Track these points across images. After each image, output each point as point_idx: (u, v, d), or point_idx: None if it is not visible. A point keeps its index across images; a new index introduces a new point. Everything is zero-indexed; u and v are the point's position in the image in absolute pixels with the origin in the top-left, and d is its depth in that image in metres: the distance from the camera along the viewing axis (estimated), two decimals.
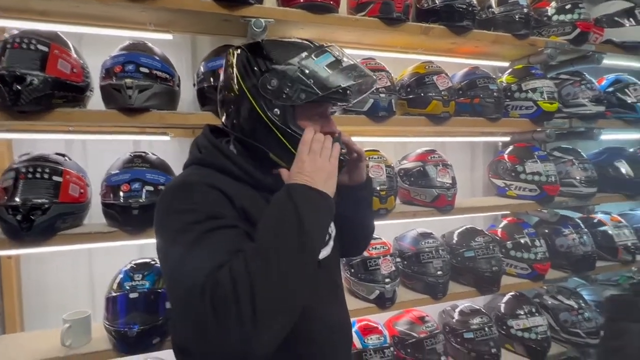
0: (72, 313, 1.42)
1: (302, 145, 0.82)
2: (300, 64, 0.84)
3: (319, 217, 0.75)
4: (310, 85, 0.82)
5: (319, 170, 0.79)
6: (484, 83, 1.91)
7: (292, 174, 0.80)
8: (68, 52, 1.32)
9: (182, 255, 0.70)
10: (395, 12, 1.65)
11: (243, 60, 0.88)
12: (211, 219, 0.74)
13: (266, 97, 0.84)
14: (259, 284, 0.65)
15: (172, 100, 1.47)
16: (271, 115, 0.85)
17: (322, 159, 0.81)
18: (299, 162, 0.80)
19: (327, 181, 0.79)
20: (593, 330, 2.00)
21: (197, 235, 0.71)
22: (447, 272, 1.80)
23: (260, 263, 0.66)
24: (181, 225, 0.73)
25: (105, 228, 1.39)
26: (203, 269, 0.67)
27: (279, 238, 0.70)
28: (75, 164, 1.45)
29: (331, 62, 0.85)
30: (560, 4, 2.07)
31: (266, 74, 0.84)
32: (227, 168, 0.87)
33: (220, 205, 0.78)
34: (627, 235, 2.24)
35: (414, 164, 1.90)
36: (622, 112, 2.24)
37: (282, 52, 0.86)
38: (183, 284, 0.68)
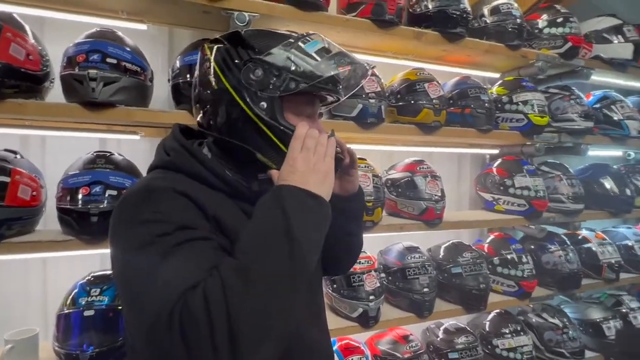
0: (17, 332, 1.25)
1: (294, 141, 0.71)
2: (287, 51, 0.75)
3: (313, 226, 0.65)
4: (300, 73, 0.74)
5: (313, 169, 0.68)
6: (476, 93, 1.85)
7: (282, 174, 0.69)
8: (24, 36, 1.18)
9: (147, 274, 0.59)
10: (388, 15, 1.57)
11: (222, 52, 0.79)
12: (181, 229, 0.63)
13: (250, 90, 0.75)
14: (238, 308, 0.54)
15: (142, 96, 1.33)
16: (257, 110, 0.75)
17: (317, 157, 0.70)
18: (290, 160, 0.70)
19: (322, 183, 0.69)
20: (577, 350, 1.96)
21: (164, 250, 0.60)
22: (433, 289, 1.72)
23: (239, 283, 0.56)
24: (145, 237, 0.62)
25: (60, 236, 1.23)
26: (171, 291, 0.56)
27: (263, 251, 0.60)
28: (28, 162, 1.29)
29: (320, 49, 0.77)
30: (551, 17, 2.05)
31: (249, 64, 0.75)
32: (199, 173, 0.76)
33: (190, 214, 0.67)
34: (610, 252, 2.23)
35: (402, 175, 1.81)
36: (609, 128, 2.23)
37: (265, 40, 0.78)
38: (147, 308, 0.56)
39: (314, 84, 0.75)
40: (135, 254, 0.62)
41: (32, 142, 1.50)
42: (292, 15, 1.44)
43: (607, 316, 2.16)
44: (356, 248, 1.06)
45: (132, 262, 0.63)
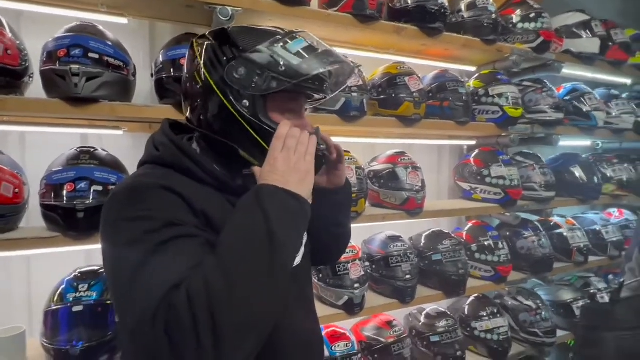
0: (4, 329, 1.24)
1: (275, 141, 0.73)
2: (271, 50, 0.75)
3: (292, 224, 0.67)
4: (282, 72, 0.74)
5: (293, 169, 0.70)
6: (454, 86, 1.91)
7: (263, 174, 0.71)
8: (1, 30, 1.15)
9: (134, 271, 0.60)
10: (369, 10, 1.60)
11: (208, 49, 0.79)
12: (169, 226, 0.64)
13: (234, 88, 0.76)
14: (221, 305, 0.56)
15: (125, 90, 1.33)
16: (240, 108, 0.76)
17: (297, 156, 0.72)
18: (270, 159, 0.72)
19: (302, 182, 0.70)
20: (549, 330, 2.08)
21: (151, 247, 0.61)
22: (415, 275, 1.79)
23: (221, 280, 0.58)
24: (133, 234, 0.63)
25: (45, 233, 1.22)
26: (157, 289, 0.57)
27: (245, 250, 0.61)
28: (9, 159, 1.27)
29: (304, 48, 0.78)
30: (524, 13, 2.13)
31: (233, 62, 0.76)
32: (188, 168, 0.77)
33: (178, 210, 0.69)
34: (580, 237, 2.35)
35: (384, 166, 1.86)
36: (578, 119, 2.34)
37: (250, 38, 0.78)
38: (133, 306, 0.58)
39: (296, 83, 0.75)
40: (123, 251, 0.63)
41: (10, 138, 1.47)
42: (275, 10, 1.45)
43: (576, 297, 2.29)
44: (345, 238, 1.10)
45: (119, 259, 0.64)
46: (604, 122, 2.35)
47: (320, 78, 0.80)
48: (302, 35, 0.80)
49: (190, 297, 0.56)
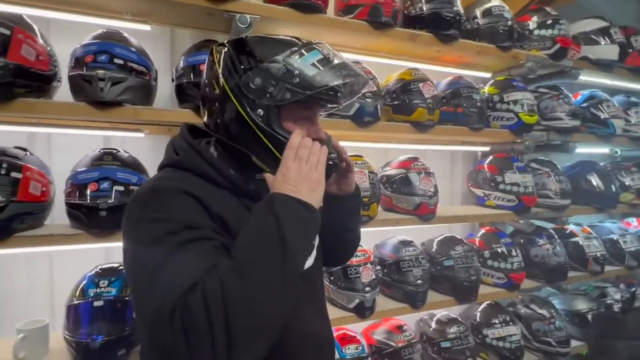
0: (28, 322, 1.30)
1: (288, 151, 0.76)
2: (286, 61, 0.78)
3: (302, 232, 0.70)
4: (296, 83, 0.76)
5: (304, 179, 0.73)
6: (468, 93, 1.91)
7: (276, 182, 0.74)
8: (34, 37, 1.22)
9: (152, 271, 0.63)
10: (384, 17, 1.63)
11: (226, 58, 0.82)
12: (187, 229, 0.68)
13: (249, 97, 0.78)
14: (235, 306, 0.59)
15: (148, 95, 1.38)
16: (254, 117, 0.79)
17: (309, 166, 0.75)
18: (283, 169, 0.75)
19: (313, 191, 0.73)
20: (563, 339, 2.04)
21: (170, 248, 0.65)
22: (426, 281, 1.79)
23: (236, 282, 0.61)
24: (153, 235, 0.67)
25: (69, 230, 1.28)
26: (174, 289, 0.60)
27: (258, 254, 0.65)
28: (38, 159, 1.34)
29: (319, 60, 0.80)
30: (541, 19, 2.12)
31: (249, 72, 0.78)
32: (206, 172, 0.80)
33: (196, 214, 0.72)
34: (596, 246, 2.31)
35: (397, 171, 1.88)
36: (595, 127, 2.31)
37: (267, 48, 0.81)
38: (152, 304, 0.61)
39: (309, 95, 0.77)
40: (144, 251, 0.66)
41: (38, 139, 1.54)
42: (292, 17, 1.49)
43: (592, 307, 2.24)
44: (354, 242, 1.13)
45: (140, 258, 0.67)
46: (622, 130, 2.31)
47: (334, 89, 0.81)
48: (318, 46, 0.82)
49: (205, 298, 0.59)
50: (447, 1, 1.76)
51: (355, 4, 1.63)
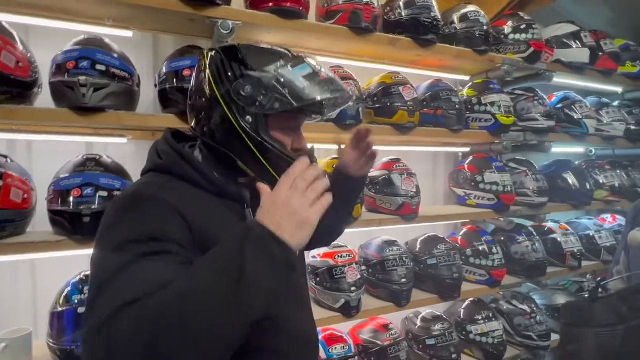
0: (10, 331, 1.28)
1: (285, 177, 0.70)
2: (277, 72, 0.80)
3: (269, 274, 0.62)
4: (286, 95, 0.78)
5: (293, 213, 0.66)
6: (447, 95, 1.97)
7: (263, 205, 0.69)
8: (13, 44, 1.21)
9: (106, 278, 0.63)
10: (364, 22, 1.67)
11: (217, 64, 0.83)
12: (153, 240, 0.68)
13: (239, 104, 0.80)
14: (167, 332, 0.55)
15: (130, 100, 1.39)
16: (243, 123, 0.80)
17: (304, 200, 0.67)
18: (275, 194, 0.68)
19: (299, 230, 0.66)
20: (544, 333, 2.11)
21: (129, 258, 0.64)
22: (411, 279, 1.83)
23: (176, 309, 0.57)
24: (118, 242, 0.67)
25: (52, 237, 1.27)
26: (115, 300, 0.59)
27: (209, 289, 0.59)
28: (19, 166, 1.32)
29: (309, 74, 0.82)
30: (516, 24, 2.20)
31: (240, 80, 0.80)
32: (189, 175, 0.82)
33: (169, 224, 0.72)
34: (573, 242, 2.40)
35: (380, 173, 1.92)
36: (570, 127, 2.40)
37: (259, 58, 0.83)
38: (92, 311, 0.61)
39: (297, 107, 0.79)
40: (105, 255, 0.67)
41: (18, 146, 1.53)
42: (273, 23, 1.52)
43: None
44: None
45: (100, 262, 0.67)
46: (594, 130, 2.41)
47: (321, 102, 0.82)
48: (307, 60, 0.85)
49: (139, 315, 0.56)
50: (425, 7, 1.82)
51: (336, 9, 1.67)
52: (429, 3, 1.83)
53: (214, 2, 1.39)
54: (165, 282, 0.60)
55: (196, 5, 1.38)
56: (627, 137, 2.62)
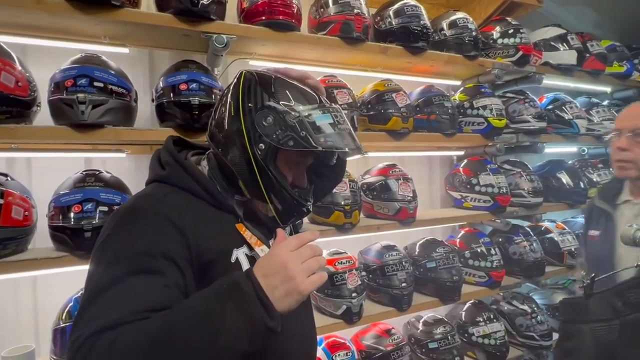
0: (14, 349, 1.28)
1: (293, 239, 0.73)
2: (302, 115, 0.82)
3: (245, 336, 0.63)
4: (303, 137, 0.81)
5: (288, 278, 0.66)
6: (439, 100, 2.01)
7: (260, 261, 0.71)
8: (12, 64, 1.24)
9: (96, 291, 0.66)
10: (355, 32, 1.70)
11: (252, 88, 0.86)
12: (145, 255, 0.70)
13: (257, 131, 0.82)
14: None
15: (128, 115, 1.41)
16: (255, 149, 0.83)
17: (302, 268, 0.68)
18: (275, 253, 0.70)
19: (288, 297, 0.66)
20: (545, 333, 2.12)
21: (118, 274, 0.67)
22: (411, 283, 1.84)
23: (145, 354, 0.59)
24: (110, 255, 0.70)
25: (53, 253, 1.28)
26: (97, 321, 0.61)
27: (183, 340, 0.61)
28: (19, 184, 1.34)
29: (329, 124, 0.84)
30: (503, 29, 2.25)
31: (266, 109, 0.82)
32: (189, 186, 0.85)
33: (164, 238, 0.74)
34: (570, 241, 2.42)
35: (377, 178, 1.94)
36: (561, 127, 2.44)
37: (289, 94, 0.85)
38: (75, 328, 0.63)
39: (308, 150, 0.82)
40: (98, 268, 0.69)
41: (17, 163, 1.54)
42: (267, 36, 1.55)
43: None
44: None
45: (93, 274, 0.70)
46: (585, 129, 2.45)
47: (330, 152, 0.89)
48: (332, 111, 0.87)
49: (112, 343, 0.59)
50: (415, 15, 1.86)
51: (328, 20, 1.71)
52: (418, 11, 1.87)
53: (208, 18, 1.43)
54: (149, 307, 0.63)
55: (191, 21, 1.41)
56: None
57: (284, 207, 0.87)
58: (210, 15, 1.42)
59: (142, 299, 0.65)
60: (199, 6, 1.38)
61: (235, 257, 0.83)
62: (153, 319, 0.63)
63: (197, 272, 0.77)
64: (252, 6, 1.55)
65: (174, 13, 1.39)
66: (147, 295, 0.66)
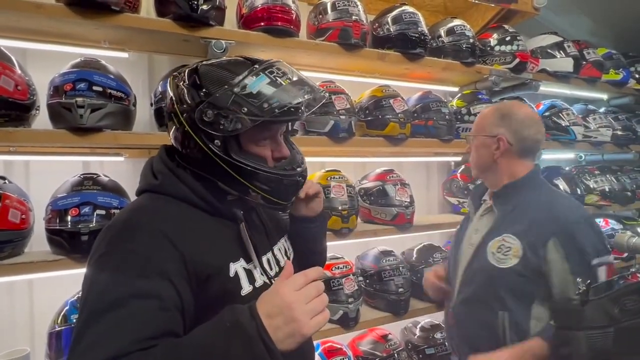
0: (9, 352, 1.28)
1: (298, 276, 0.69)
2: (233, 91, 0.77)
3: None
4: (247, 112, 0.75)
5: (292, 320, 0.64)
6: (437, 106, 2.02)
7: (265, 296, 0.68)
8: (12, 68, 1.25)
9: (98, 311, 0.65)
10: (353, 39, 1.72)
11: (181, 91, 0.82)
12: (144, 277, 0.68)
13: (205, 130, 0.78)
14: None
15: (127, 119, 1.41)
16: (212, 147, 0.79)
17: (306, 310, 0.66)
18: (279, 293, 0.66)
19: (290, 338, 0.64)
20: None
21: (120, 295, 0.66)
22: (408, 288, 1.84)
23: None
24: (110, 272, 0.68)
25: (50, 256, 1.28)
26: (94, 354, 0.61)
27: None
28: (16, 187, 1.34)
29: (268, 83, 0.78)
30: (501, 36, 2.26)
31: (201, 106, 0.78)
32: (185, 196, 0.82)
33: (161, 257, 0.72)
34: None
35: (374, 184, 1.95)
36: (558, 134, 2.45)
37: (215, 78, 0.80)
38: (77, 343, 0.63)
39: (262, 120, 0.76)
40: (97, 283, 0.68)
41: (15, 166, 1.55)
42: (266, 42, 1.56)
43: None
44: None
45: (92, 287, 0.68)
46: (582, 136, 2.46)
47: (288, 110, 0.77)
48: (267, 67, 0.80)
49: None
50: (413, 22, 1.88)
51: (326, 27, 1.73)
52: (416, 18, 1.89)
53: (208, 23, 1.44)
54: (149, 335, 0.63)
55: (190, 26, 1.42)
56: (614, 142, 2.68)
57: (274, 187, 0.82)
58: (210, 21, 1.44)
59: (142, 326, 0.64)
60: (199, 12, 1.39)
61: (235, 271, 0.80)
62: (155, 354, 0.61)
63: (195, 286, 0.74)
64: (251, 12, 1.56)
65: (173, 18, 1.40)
66: (145, 322, 0.65)
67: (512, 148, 1.30)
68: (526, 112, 1.35)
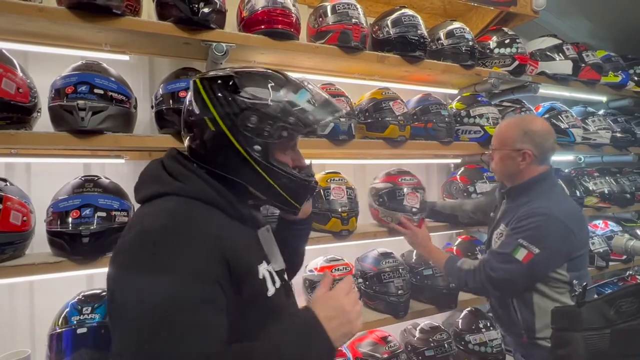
0: (9, 354, 1.28)
1: (343, 283, 0.81)
2: (281, 102, 0.83)
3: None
4: (293, 122, 0.83)
5: (348, 322, 0.76)
6: (436, 109, 2.02)
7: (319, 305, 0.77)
8: (13, 70, 1.25)
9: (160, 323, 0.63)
10: (353, 41, 1.73)
11: (220, 98, 0.82)
12: (203, 283, 0.69)
13: (246, 135, 0.81)
14: None
15: (128, 122, 1.42)
16: (251, 152, 0.82)
17: (357, 313, 0.79)
18: (335, 299, 0.78)
19: (344, 337, 0.76)
20: None
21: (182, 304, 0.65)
22: (407, 290, 1.84)
23: None
24: (166, 284, 0.66)
25: (51, 258, 1.29)
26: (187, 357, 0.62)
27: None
28: (18, 189, 1.35)
29: (309, 99, 0.87)
30: (500, 39, 2.27)
31: (245, 111, 0.81)
32: (213, 199, 0.80)
33: (208, 260, 0.72)
34: None
35: (384, 185, 1.91)
36: (557, 136, 2.44)
37: (257, 86, 0.84)
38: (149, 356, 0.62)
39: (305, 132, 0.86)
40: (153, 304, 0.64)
41: (17, 168, 1.55)
42: (266, 45, 1.57)
43: None
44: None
45: (145, 297, 0.65)
46: (581, 138, 2.47)
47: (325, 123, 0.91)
48: (305, 85, 0.88)
49: None
50: (412, 25, 1.89)
51: (326, 30, 1.74)
52: (416, 21, 1.90)
53: (208, 26, 1.45)
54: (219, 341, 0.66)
55: (191, 29, 1.43)
56: (614, 144, 2.69)
57: (298, 192, 0.90)
58: (210, 24, 1.45)
59: (211, 334, 0.66)
60: (199, 15, 1.40)
61: (262, 275, 0.82)
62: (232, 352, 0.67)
63: (235, 288, 0.75)
64: (252, 15, 1.57)
65: (174, 21, 1.41)
66: (212, 329, 0.66)
67: (536, 159, 1.52)
68: (544, 126, 1.57)
